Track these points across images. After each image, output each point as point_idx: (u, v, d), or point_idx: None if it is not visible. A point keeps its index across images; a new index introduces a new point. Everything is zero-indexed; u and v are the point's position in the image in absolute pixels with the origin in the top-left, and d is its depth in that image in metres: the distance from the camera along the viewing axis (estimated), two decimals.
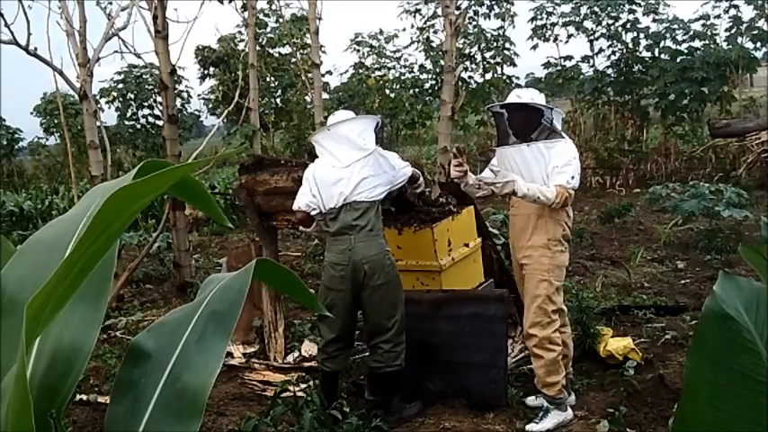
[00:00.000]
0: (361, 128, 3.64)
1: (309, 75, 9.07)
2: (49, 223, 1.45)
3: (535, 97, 3.51)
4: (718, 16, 12.82)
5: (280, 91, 16.75)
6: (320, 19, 7.95)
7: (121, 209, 1.06)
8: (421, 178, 3.90)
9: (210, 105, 17.10)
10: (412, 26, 15.31)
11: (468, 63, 14.79)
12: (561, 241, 3.49)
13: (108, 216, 1.04)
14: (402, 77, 16.09)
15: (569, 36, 13.89)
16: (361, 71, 16.62)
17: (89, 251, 1.06)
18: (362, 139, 3.60)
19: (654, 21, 13.30)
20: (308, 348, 4.74)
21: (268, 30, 15.78)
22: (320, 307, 1.55)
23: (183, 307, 1.42)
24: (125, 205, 1.06)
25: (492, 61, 14.90)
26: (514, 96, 3.57)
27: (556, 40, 14.09)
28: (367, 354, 3.89)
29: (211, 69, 16.36)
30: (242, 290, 1.32)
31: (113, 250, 1.37)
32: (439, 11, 12.83)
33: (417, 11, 14.95)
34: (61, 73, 6.43)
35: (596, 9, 13.36)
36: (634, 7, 13.19)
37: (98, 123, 6.74)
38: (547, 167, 3.39)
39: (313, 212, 3.69)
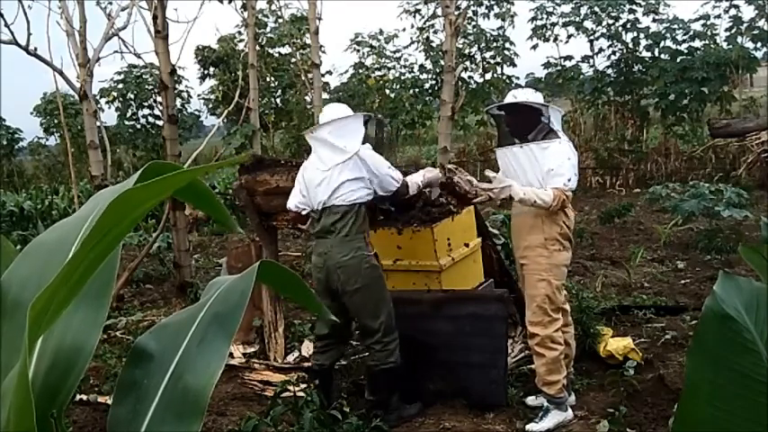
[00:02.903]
0: (342, 131, 3.59)
1: (309, 75, 9.08)
2: (53, 226, 1.45)
3: (530, 97, 3.51)
4: (719, 16, 12.86)
5: (280, 91, 16.74)
6: (320, 19, 7.96)
7: (125, 213, 1.07)
8: (409, 187, 3.69)
9: (210, 105, 17.10)
10: (412, 26, 15.35)
11: (468, 63, 14.80)
12: (559, 240, 3.48)
13: (111, 220, 1.04)
14: (402, 77, 16.09)
15: (569, 36, 13.93)
16: (361, 71, 16.61)
17: (92, 254, 1.07)
18: (343, 142, 3.56)
19: (654, 21, 13.35)
20: (308, 348, 4.74)
21: (268, 30, 15.78)
22: (324, 310, 1.56)
23: (186, 309, 1.43)
24: (129, 209, 1.07)
25: (492, 61, 14.92)
26: (511, 97, 3.59)
27: (556, 40, 14.12)
28: (367, 354, 3.90)
29: (211, 69, 16.36)
30: (245, 292, 1.33)
31: (116, 253, 1.38)
32: (439, 11, 12.84)
33: (417, 11, 14.96)
34: (61, 73, 6.44)
35: (596, 9, 13.36)
36: (634, 7, 13.19)
37: (98, 123, 6.75)
38: (541, 169, 3.39)
39: (304, 212, 3.73)
